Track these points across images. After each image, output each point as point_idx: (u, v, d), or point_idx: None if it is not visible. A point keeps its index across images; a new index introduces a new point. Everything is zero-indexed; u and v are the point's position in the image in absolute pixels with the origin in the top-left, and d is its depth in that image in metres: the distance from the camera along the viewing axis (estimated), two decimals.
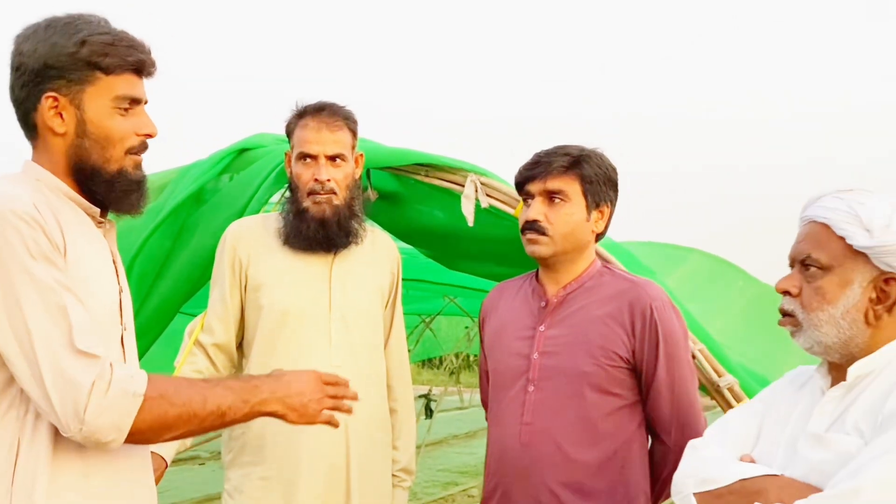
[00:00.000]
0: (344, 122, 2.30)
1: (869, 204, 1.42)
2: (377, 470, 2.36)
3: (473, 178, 2.67)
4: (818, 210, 1.47)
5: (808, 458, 1.39)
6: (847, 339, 1.43)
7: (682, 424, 2.05)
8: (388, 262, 2.46)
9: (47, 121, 1.47)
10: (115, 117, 1.49)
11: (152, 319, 2.78)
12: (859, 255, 1.41)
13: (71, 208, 1.50)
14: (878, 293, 1.41)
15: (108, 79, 1.48)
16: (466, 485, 7.54)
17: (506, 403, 2.12)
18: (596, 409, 2.02)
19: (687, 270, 4.32)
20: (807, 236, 1.48)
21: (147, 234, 2.74)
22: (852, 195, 1.45)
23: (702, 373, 2.51)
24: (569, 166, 2.05)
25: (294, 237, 2.29)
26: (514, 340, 2.14)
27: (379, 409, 2.38)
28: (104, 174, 1.50)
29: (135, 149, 1.52)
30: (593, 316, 2.06)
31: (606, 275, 2.14)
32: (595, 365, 2.02)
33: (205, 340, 2.31)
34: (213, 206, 2.84)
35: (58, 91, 1.46)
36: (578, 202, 2.06)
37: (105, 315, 1.49)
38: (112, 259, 1.57)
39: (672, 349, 2.03)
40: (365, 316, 2.35)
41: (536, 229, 2.06)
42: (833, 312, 1.42)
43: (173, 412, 1.41)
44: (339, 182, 2.28)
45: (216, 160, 2.94)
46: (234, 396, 1.48)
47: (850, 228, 1.41)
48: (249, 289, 2.31)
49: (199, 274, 2.75)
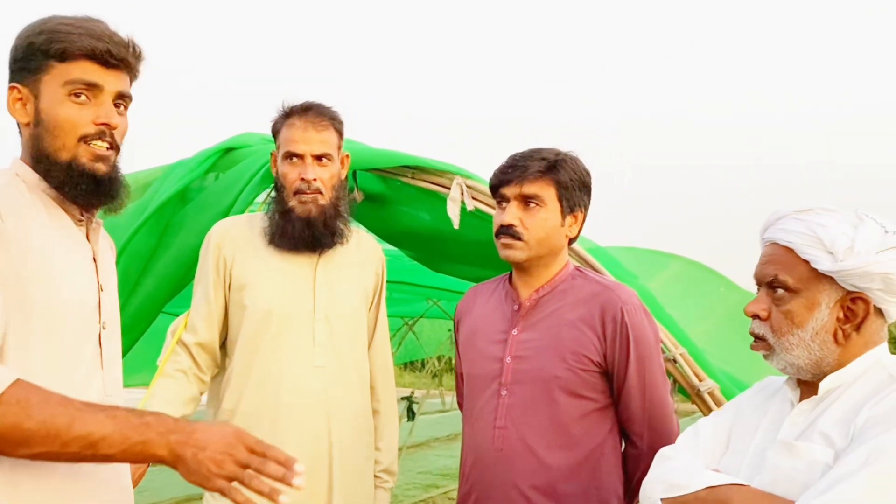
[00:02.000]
0: (330, 123, 2.30)
1: (830, 226, 1.42)
2: (359, 470, 2.36)
3: (459, 180, 2.68)
4: (780, 233, 1.47)
5: (778, 465, 1.41)
6: (818, 360, 1.44)
7: (654, 427, 2.06)
8: (372, 264, 2.46)
9: (13, 112, 1.48)
10: (66, 104, 1.46)
11: (135, 318, 2.77)
12: (825, 276, 1.42)
13: (46, 204, 1.48)
14: (846, 312, 1.43)
15: (61, 66, 1.46)
16: (447, 487, 7.54)
17: (479, 407, 2.12)
18: (568, 412, 2.03)
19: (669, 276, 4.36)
20: (771, 258, 1.48)
21: (131, 232, 2.73)
22: (812, 216, 1.45)
23: (683, 377, 2.54)
24: (545, 171, 2.05)
25: (280, 237, 2.29)
26: (487, 344, 2.14)
27: (362, 409, 2.38)
28: (57, 164, 1.47)
29: (90, 137, 1.48)
30: (565, 320, 2.06)
31: (579, 278, 2.14)
32: (567, 369, 2.02)
33: (188, 340, 2.30)
34: (198, 205, 2.84)
35: (20, 82, 1.47)
36: (553, 207, 2.06)
37: (76, 312, 1.46)
38: (94, 258, 1.55)
39: (643, 352, 2.04)
40: (349, 317, 2.35)
41: (511, 234, 2.06)
42: (803, 336, 1.44)
43: (29, 425, 1.26)
44: (325, 182, 2.28)
45: (202, 159, 2.93)
46: (114, 428, 1.29)
47: (814, 252, 1.42)
48: (233, 288, 2.31)
49: (183, 273, 2.74)
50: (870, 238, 1.40)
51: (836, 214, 1.44)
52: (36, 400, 1.28)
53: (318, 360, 2.27)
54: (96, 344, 1.52)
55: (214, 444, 1.32)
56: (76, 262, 1.50)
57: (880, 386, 1.39)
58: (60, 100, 1.47)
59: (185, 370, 2.28)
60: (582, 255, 2.63)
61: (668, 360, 2.54)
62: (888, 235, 1.41)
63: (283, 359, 2.26)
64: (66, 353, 1.44)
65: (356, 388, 2.35)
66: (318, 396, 2.27)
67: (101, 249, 1.59)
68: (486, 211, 2.63)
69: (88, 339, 1.50)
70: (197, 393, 2.31)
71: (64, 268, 1.46)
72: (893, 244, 1.41)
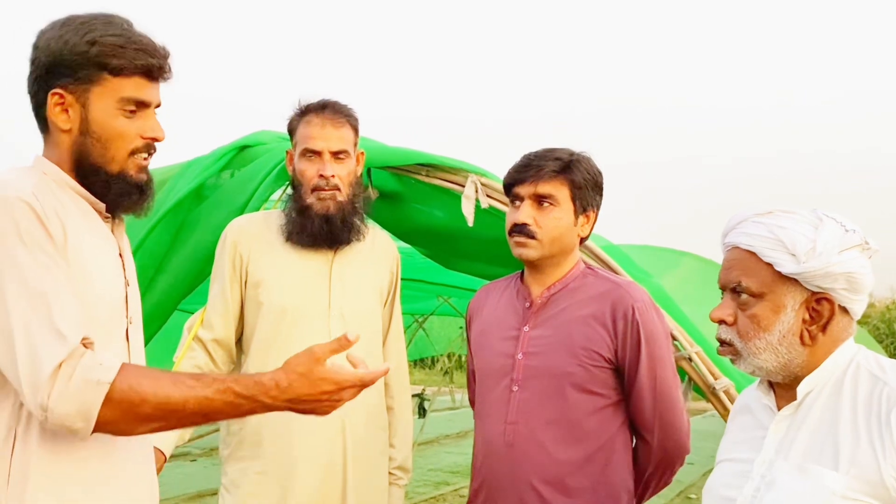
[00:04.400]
0: (347, 120, 2.32)
1: (791, 228, 1.41)
2: (374, 467, 2.37)
3: (474, 178, 2.68)
4: (740, 237, 1.46)
5: (793, 489, 1.39)
6: (786, 362, 1.44)
7: (665, 423, 2.08)
8: (387, 261, 2.47)
9: (53, 116, 1.49)
10: (119, 118, 1.50)
11: (151, 315, 2.78)
12: (789, 279, 1.41)
13: (76, 202, 1.51)
14: (811, 313, 1.42)
15: (115, 80, 1.48)
16: (458, 484, 7.54)
17: (490, 403, 2.15)
18: (579, 408, 2.05)
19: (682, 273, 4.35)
20: (734, 263, 1.47)
21: (147, 229, 2.75)
22: (772, 219, 1.44)
23: (698, 375, 2.54)
24: (559, 171, 2.07)
25: (298, 233, 2.29)
26: (499, 341, 2.16)
27: (376, 406, 2.39)
28: (105, 174, 1.50)
29: (139, 150, 1.53)
30: (576, 317, 2.08)
31: (590, 276, 2.16)
32: (578, 365, 2.04)
33: (204, 336, 2.32)
34: (213, 203, 2.85)
35: (65, 88, 1.48)
36: (567, 207, 2.09)
37: (107, 307, 1.50)
38: (119, 253, 1.58)
39: (654, 349, 2.06)
40: (364, 314, 2.36)
41: (525, 233, 2.08)
42: (770, 339, 1.43)
43: (145, 409, 1.36)
44: (343, 178, 2.29)
45: (217, 157, 2.95)
46: (224, 401, 1.41)
47: (776, 255, 1.41)
48: (249, 285, 2.32)
49: (198, 270, 2.75)
50: (830, 238, 1.39)
51: (795, 216, 1.43)
52: (147, 383, 1.37)
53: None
54: (124, 338, 1.55)
55: (308, 397, 1.47)
56: (106, 257, 1.53)
57: (870, 390, 1.39)
58: (113, 113, 1.49)
59: (202, 366, 2.30)
60: (596, 253, 2.63)
61: (684, 358, 2.54)
62: (848, 234, 1.41)
63: None
64: (100, 347, 1.46)
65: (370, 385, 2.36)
66: None
67: (124, 244, 1.62)
68: (500, 209, 2.62)
69: (117, 333, 1.53)
70: None
71: (96, 263, 1.49)
72: (854, 243, 1.40)
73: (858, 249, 1.41)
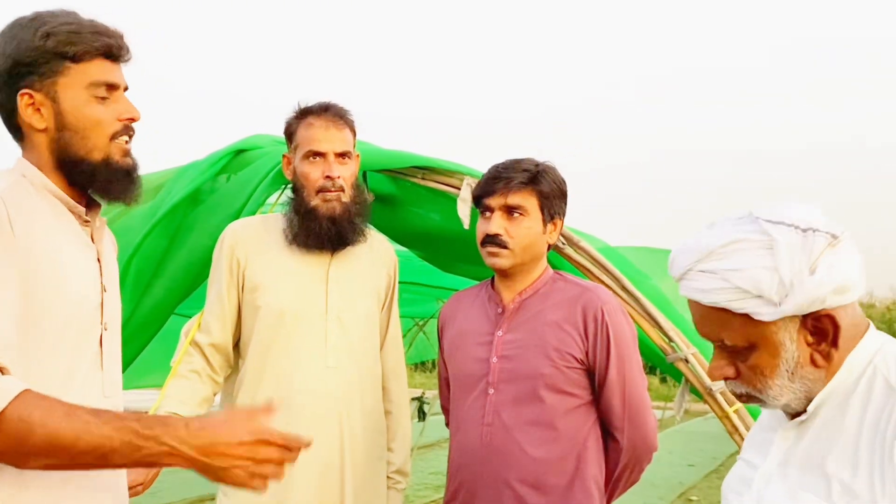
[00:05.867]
0: (346, 122, 2.33)
1: (744, 267, 1.21)
2: (372, 471, 2.37)
3: (469, 181, 2.69)
4: (696, 294, 1.27)
5: None
6: (808, 391, 1.29)
7: (633, 421, 2.16)
8: (384, 264, 2.47)
9: (27, 118, 1.47)
10: (93, 104, 1.48)
11: (147, 319, 2.78)
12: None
13: (52, 206, 1.48)
14: (813, 335, 1.26)
15: (78, 67, 1.46)
16: None
17: (467, 406, 2.22)
18: (553, 408, 2.13)
19: None
20: (706, 318, 1.29)
21: (144, 233, 2.75)
22: (718, 263, 1.23)
23: (695, 377, 2.53)
24: (527, 182, 2.16)
25: (305, 236, 2.29)
26: (473, 346, 2.24)
27: (374, 410, 2.39)
28: (88, 164, 1.48)
29: (118, 134, 1.50)
30: (548, 320, 2.17)
31: (559, 281, 2.25)
32: (552, 366, 2.12)
33: (201, 340, 2.31)
34: (210, 207, 2.85)
35: (31, 87, 1.46)
36: (536, 216, 2.18)
37: (79, 312, 1.47)
38: (97, 258, 1.55)
39: (623, 350, 2.14)
40: (361, 317, 2.36)
41: (497, 243, 2.16)
42: (781, 382, 1.28)
43: (34, 440, 1.26)
44: (347, 180, 2.30)
45: (213, 161, 2.95)
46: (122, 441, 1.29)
47: (749, 306, 1.22)
48: (247, 289, 2.32)
49: (195, 274, 2.75)
50: (793, 257, 1.19)
51: (740, 245, 1.21)
52: (39, 414, 1.27)
53: (331, 361, 2.28)
54: (97, 344, 1.52)
55: (225, 446, 1.34)
56: (81, 262, 1.50)
57: (882, 406, 1.21)
58: (85, 101, 1.47)
59: (199, 371, 2.29)
60: (593, 255, 2.63)
61: (680, 359, 2.54)
62: (807, 237, 1.20)
63: (295, 359, 2.27)
64: (69, 353, 1.44)
65: (368, 388, 2.36)
66: (330, 397, 2.28)
67: (105, 250, 1.60)
68: None
69: (90, 339, 1.50)
70: (210, 393, 2.32)
71: (70, 268, 1.46)
72: (819, 247, 1.20)
73: (829, 251, 1.20)
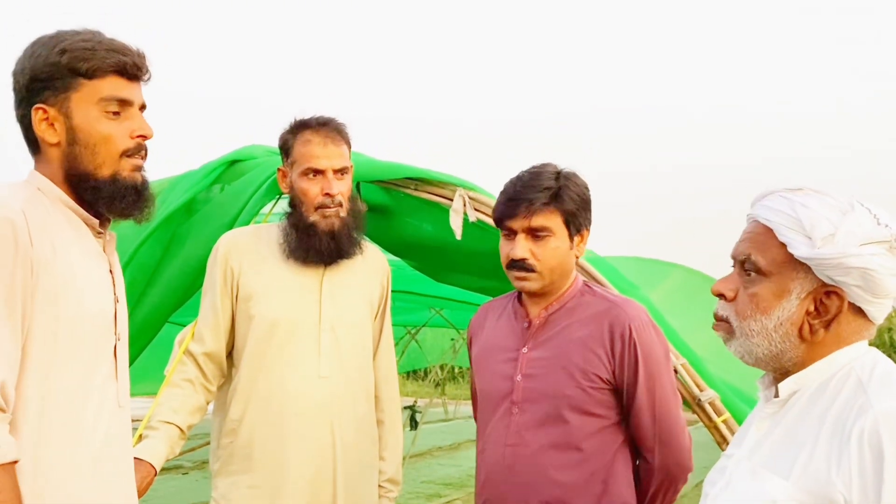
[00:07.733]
0: (343, 136, 2.34)
1: (815, 208, 1.29)
2: (364, 480, 2.38)
3: (462, 192, 2.71)
4: (762, 210, 1.35)
5: (743, 490, 1.32)
6: (778, 353, 1.33)
7: (665, 442, 2.06)
8: (377, 274, 2.48)
9: (40, 133, 1.49)
10: (104, 121, 1.50)
11: (142, 328, 2.79)
12: (801, 264, 1.29)
13: (68, 218, 1.51)
14: (817, 305, 1.30)
15: (91, 83, 1.49)
16: (450, 497, 7.53)
17: (492, 425, 2.13)
18: (578, 430, 2.03)
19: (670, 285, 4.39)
20: (749, 236, 1.36)
21: (138, 243, 2.76)
22: (799, 196, 1.32)
23: (683, 387, 2.56)
24: (549, 201, 2.03)
25: (305, 251, 2.30)
26: (498, 363, 2.14)
27: (366, 419, 2.40)
28: (95, 179, 1.50)
29: (130, 151, 1.52)
30: (574, 337, 2.06)
31: (587, 294, 2.13)
32: (577, 387, 2.02)
33: (195, 350, 2.33)
34: (203, 217, 2.87)
35: (45, 102, 1.48)
36: (562, 234, 2.06)
37: (96, 324, 1.50)
38: (110, 269, 1.59)
39: (652, 369, 2.04)
40: (354, 327, 2.38)
41: (524, 267, 2.05)
42: (766, 323, 1.32)
43: None
44: (345, 194, 2.31)
45: (207, 171, 2.97)
46: None
47: (792, 235, 1.29)
48: (240, 299, 2.33)
49: (189, 283, 2.77)
50: (856, 228, 1.26)
51: (825, 197, 1.30)
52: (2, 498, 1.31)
53: (324, 371, 2.30)
54: (112, 355, 1.55)
55: None
56: (96, 274, 1.53)
57: (849, 399, 1.25)
58: (96, 117, 1.50)
59: (192, 380, 2.31)
60: (582, 266, 2.65)
61: None
62: (879, 229, 1.27)
63: (288, 369, 2.28)
64: (88, 364, 1.47)
65: (361, 397, 2.38)
66: (322, 406, 2.29)
67: (115, 261, 1.63)
68: (488, 222, 2.65)
69: (106, 350, 1.53)
70: (203, 402, 2.33)
71: (87, 281, 1.49)
72: (882, 238, 1.26)
73: (886, 247, 1.26)
